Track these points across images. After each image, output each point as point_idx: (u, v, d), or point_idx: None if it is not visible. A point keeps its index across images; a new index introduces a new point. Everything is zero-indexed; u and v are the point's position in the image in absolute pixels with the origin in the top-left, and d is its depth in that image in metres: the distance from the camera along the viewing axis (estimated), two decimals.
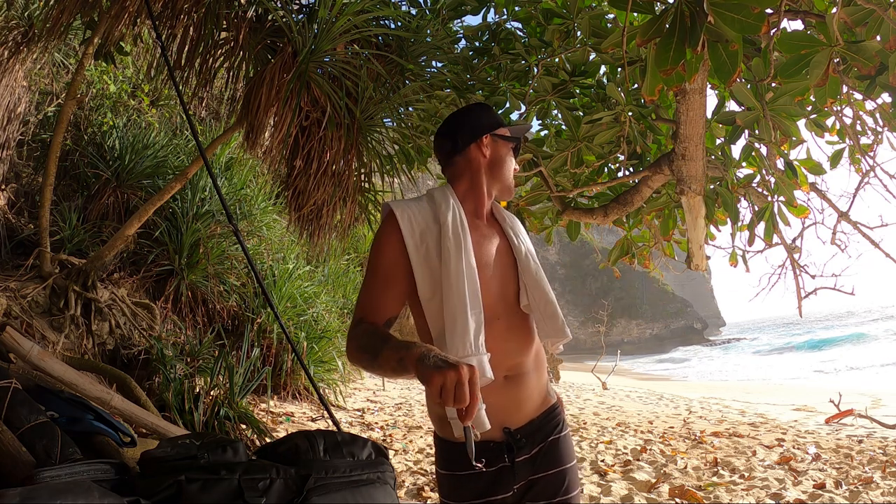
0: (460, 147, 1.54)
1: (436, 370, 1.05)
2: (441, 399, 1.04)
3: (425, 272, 1.39)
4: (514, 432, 1.40)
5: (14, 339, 2.80)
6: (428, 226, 1.42)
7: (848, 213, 3.50)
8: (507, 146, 1.58)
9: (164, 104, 6.37)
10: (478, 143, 1.53)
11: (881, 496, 3.70)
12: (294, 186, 3.57)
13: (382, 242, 1.41)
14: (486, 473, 1.37)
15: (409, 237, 1.39)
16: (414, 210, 1.44)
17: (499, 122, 1.58)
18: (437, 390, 1.04)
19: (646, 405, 9.79)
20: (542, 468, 1.41)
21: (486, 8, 3.39)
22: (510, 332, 1.43)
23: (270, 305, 2.89)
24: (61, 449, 1.99)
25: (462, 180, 1.54)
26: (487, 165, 1.54)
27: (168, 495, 1.35)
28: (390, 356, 1.19)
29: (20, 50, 4.32)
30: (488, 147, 1.54)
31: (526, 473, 1.40)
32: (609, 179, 3.69)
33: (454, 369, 1.03)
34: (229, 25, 3.56)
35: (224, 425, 3.86)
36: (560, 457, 1.44)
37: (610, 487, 3.90)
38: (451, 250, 1.37)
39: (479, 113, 1.59)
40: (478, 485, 1.38)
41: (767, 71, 2.33)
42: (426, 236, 1.41)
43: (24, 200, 4.86)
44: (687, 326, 57.52)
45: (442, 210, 1.45)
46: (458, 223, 1.43)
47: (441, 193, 1.51)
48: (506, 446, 1.38)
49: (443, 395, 1.04)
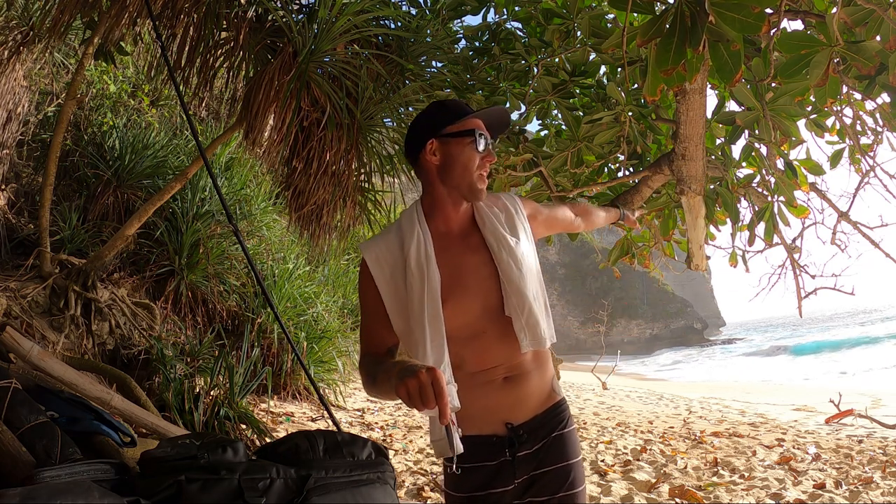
0: (413, 159, 1.49)
1: (399, 382, 1.10)
2: (412, 406, 1.09)
3: (396, 308, 1.41)
4: (517, 427, 1.41)
5: (14, 339, 2.80)
6: (396, 261, 1.42)
7: (848, 213, 3.50)
8: (461, 143, 1.44)
9: (164, 104, 6.37)
10: (423, 150, 1.44)
11: (881, 496, 3.69)
12: (294, 186, 3.57)
13: (361, 285, 1.48)
14: (487, 467, 1.40)
15: (378, 278, 1.43)
16: (382, 248, 1.44)
17: (447, 118, 1.45)
18: (406, 399, 1.09)
19: (646, 405, 9.79)
20: (546, 463, 1.42)
21: (486, 8, 3.39)
22: (502, 340, 1.43)
23: (270, 305, 2.89)
24: (61, 449, 1.99)
25: (425, 194, 1.49)
26: (438, 171, 1.44)
27: (168, 495, 1.35)
28: (384, 380, 1.24)
29: (20, 50, 4.32)
30: (437, 151, 1.44)
31: (528, 468, 1.41)
32: (609, 179, 3.68)
33: (414, 377, 1.08)
34: (229, 25, 3.56)
35: (224, 425, 3.86)
36: (564, 452, 1.44)
37: (610, 487, 3.90)
38: (415, 285, 1.37)
39: (425, 116, 1.48)
40: (479, 477, 1.41)
41: (767, 71, 2.33)
42: (395, 272, 1.42)
43: (24, 200, 4.86)
44: (687, 326, 57.50)
45: (406, 240, 1.42)
46: (422, 252, 1.40)
47: (407, 218, 1.47)
48: (507, 441, 1.41)
49: (411, 401, 1.08)
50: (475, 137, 1.44)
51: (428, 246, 1.41)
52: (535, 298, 1.43)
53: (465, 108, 1.49)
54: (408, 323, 1.38)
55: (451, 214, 1.47)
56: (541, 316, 1.44)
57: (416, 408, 1.08)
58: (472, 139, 1.43)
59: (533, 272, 1.47)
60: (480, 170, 1.45)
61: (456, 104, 1.49)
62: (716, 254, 4.25)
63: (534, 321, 1.41)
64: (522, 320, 1.40)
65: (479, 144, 1.44)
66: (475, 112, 1.48)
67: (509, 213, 1.53)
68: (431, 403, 1.06)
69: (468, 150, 1.43)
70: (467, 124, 1.45)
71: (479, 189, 1.45)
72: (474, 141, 1.44)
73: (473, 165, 1.44)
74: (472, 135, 1.44)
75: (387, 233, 1.48)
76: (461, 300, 1.40)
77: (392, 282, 1.41)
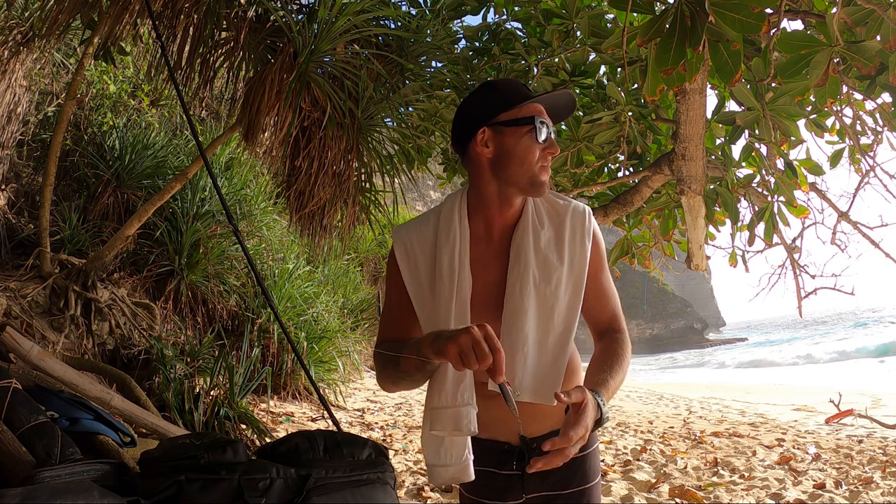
0: (461, 149, 1.31)
1: (449, 341, 1.02)
2: (465, 366, 1.01)
3: (419, 302, 1.30)
4: (531, 441, 1.31)
5: (14, 339, 2.80)
6: (427, 255, 1.30)
7: (848, 213, 3.51)
8: (518, 132, 1.24)
9: (164, 104, 6.37)
10: (473, 140, 1.26)
11: (881, 496, 3.69)
12: (295, 187, 3.57)
13: (388, 271, 1.37)
14: (499, 475, 1.35)
15: (404, 269, 1.32)
16: (413, 239, 1.32)
17: (502, 103, 1.26)
18: (457, 359, 1.01)
19: (646, 405, 9.79)
20: (560, 486, 1.34)
21: (486, 8, 3.39)
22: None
23: (271, 305, 2.89)
24: (61, 449, 1.98)
25: (472, 188, 1.32)
26: (491, 164, 1.26)
27: (168, 495, 1.35)
28: (409, 353, 1.15)
29: (20, 50, 4.32)
30: (489, 141, 1.25)
31: (539, 485, 1.34)
32: (609, 179, 3.69)
33: (465, 333, 1.00)
34: (229, 25, 3.56)
35: (224, 425, 3.86)
36: (581, 476, 1.35)
37: (610, 487, 3.90)
38: (444, 289, 1.24)
39: (475, 100, 1.29)
40: (492, 483, 1.36)
41: (767, 71, 2.33)
42: (424, 266, 1.30)
43: (24, 200, 4.86)
44: (687, 326, 57.50)
45: (441, 237, 1.29)
46: (456, 256, 1.26)
47: (449, 210, 1.31)
48: (517, 453, 1.33)
49: (464, 361, 1.00)
50: (535, 126, 1.23)
51: (464, 250, 1.27)
52: (538, 342, 1.24)
53: (523, 90, 1.28)
54: (432, 320, 1.27)
55: (494, 216, 1.29)
56: (544, 366, 1.23)
57: (469, 366, 1.00)
58: (530, 127, 1.23)
59: (557, 312, 1.25)
60: (542, 162, 1.25)
61: (511, 85, 1.29)
62: (716, 254, 4.26)
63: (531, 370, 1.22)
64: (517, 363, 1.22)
65: (539, 134, 1.24)
66: (535, 96, 1.28)
67: (561, 231, 1.29)
68: (487, 357, 0.98)
69: (526, 140, 1.24)
70: (525, 110, 1.25)
71: (542, 182, 1.25)
72: (534, 130, 1.23)
73: (533, 158, 1.24)
74: (531, 122, 1.24)
75: (423, 221, 1.34)
76: (483, 314, 1.27)
77: (418, 275, 1.30)
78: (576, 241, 1.29)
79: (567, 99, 1.32)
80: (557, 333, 1.26)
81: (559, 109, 1.32)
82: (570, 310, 1.27)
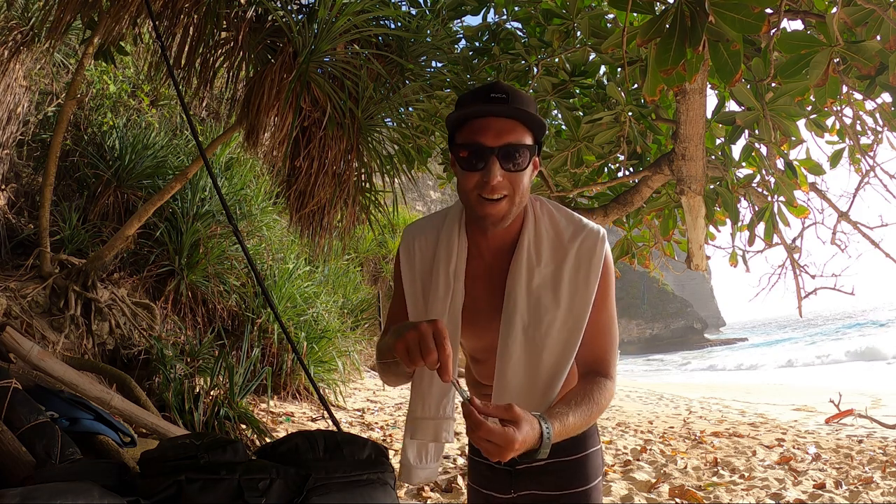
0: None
1: (397, 338, 0.98)
2: (411, 362, 0.96)
3: (412, 300, 1.31)
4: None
5: (14, 339, 2.80)
6: (424, 261, 1.29)
7: (848, 213, 3.51)
8: (456, 159, 1.16)
9: (164, 104, 6.37)
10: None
11: (881, 496, 3.69)
12: (295, 187, 3.57)
13: (394, 267, 1.37)
14: (493, 468, 1.38)
15: (404, 270, 1.32)
16: (417, 242, 1.31)
17: (451, 125, 1.17)
18: (404, 354, 0.97)
19: (646, 405, 9.78)
20: (559, 485, 1.32)
21: (486, 8, 3.39)
22: None
23: (271, 305, 2.88)
24: (61, 449, 1.99)
25: None
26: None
27: (168, 495, 1.35)
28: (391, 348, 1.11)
29: (20, 50, 4.32)
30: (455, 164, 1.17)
31: (530, 483, 1.34)
32: (609, 179, 3.68)
33: (413, 328, 0.96)
34: (229, 25, 3.56)
35: (224, 425, 3.86)
36: (582, 476, 1.33)
37: (610, 487, 3.90)
38: (439, 296, 1.23)
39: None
40: (489, 475, 1.39)
41: (767, 71, 2.33)
42: (418, 271, 1.29)
43: (24, 200, 4.86)
44: (687, 326, 57.52)
45: (441, 246, 1.26)
46: (452, 268, 1.24)
47: (453, 216, 1.28)
48: None
49: (409, 356, 0.96)
50: (461, 153, 1.14)
51: (460, 266, 1.24)
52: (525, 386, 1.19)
53: (466, 105, 1.15)
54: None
55: (480, 238, 1.25)
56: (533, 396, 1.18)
57: (414, 363, 0.96)
58: (457, 155, 1.15)
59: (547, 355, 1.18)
60: (479, 191, 1.12)
61: (462, 102, 1.17)
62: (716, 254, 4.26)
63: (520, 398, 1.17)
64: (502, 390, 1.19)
65: (463, 162, 1.13)
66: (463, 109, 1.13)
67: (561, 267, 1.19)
68: (431, 352, 0.94)
69: (458, 168, 1.16)
70: (459, 135, 1.15)
71: (481, 216, 1.14)
72: (461, 158, 1.14)
73: (465, 188, 1.14)
74: (457, 150, 1.15)
75: (429, 225, 1.31)
76: (474, 329, 1.28)
77: (414, 277, 1.30)
78: (579, 279, 1.19)
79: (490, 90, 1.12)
80: (546, 376, 1.19)
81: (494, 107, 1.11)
82: (563, 351, 1.19)
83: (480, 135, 1.10)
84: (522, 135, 1.12)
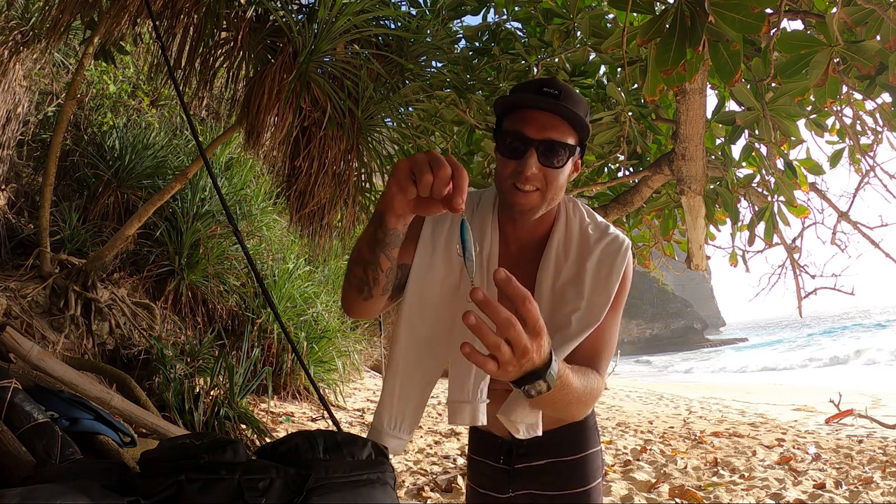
0: None
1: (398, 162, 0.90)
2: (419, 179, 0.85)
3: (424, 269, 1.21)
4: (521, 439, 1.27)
5: (14, 339, 2.80)
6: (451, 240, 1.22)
7: (848, 213, 3.51)
8: (498, 145, 1.18)
9: (164, 104, 6.37)
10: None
11: (881, 496, 3.69)
12: (295, 187, 3.57)
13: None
14: (492, 467, 1.38)
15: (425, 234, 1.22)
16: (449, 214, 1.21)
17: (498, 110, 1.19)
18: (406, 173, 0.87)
19: (646, 405, 9.79)
20: (558, 485, 1.31)
21: (486, 8, 3.39)
22: None
23: (271, 305, 2.88)
24: (61, 449, 1.99)
25: None
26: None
27: (168, 495, 1.35)
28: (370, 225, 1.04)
29: (20, 50, 4.32)
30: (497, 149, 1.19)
31: (529, 483, 1.33)
32: (609, 179, 3.68)
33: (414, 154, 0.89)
34: (229, 25, 3.56)
35: (224, 425, 3.86)
36: (581, 476, 1.32)
37: (610, 487, 3.90)
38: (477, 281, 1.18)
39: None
40: (488, 474, 1.39)
41: (767, 71, 2.33)
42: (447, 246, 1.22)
43: (24, 200, 4.86)
44: (687, 326, 57.55)
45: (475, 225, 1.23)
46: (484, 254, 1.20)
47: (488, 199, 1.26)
48: (505, 448, 1.34)
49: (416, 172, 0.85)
50: (501, 139, 1.16)
51: (494, 248, 1.21)
52: None
53: (519, 93, 1.17)
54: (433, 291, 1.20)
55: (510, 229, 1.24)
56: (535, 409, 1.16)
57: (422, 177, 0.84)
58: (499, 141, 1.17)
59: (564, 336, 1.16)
60: (513, 180, 1.12)
61: (519, 86, 1.19)
62: (716, 254, 4.26)
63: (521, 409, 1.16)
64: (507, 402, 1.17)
65: (504, 149, 1.15)
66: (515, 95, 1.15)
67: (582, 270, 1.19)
68: (445, 168, 0.83)
69: (498, 154, 1.17)
70: (506, 122, 1.15)
71: (510, 204, 1.15)
72: (501, 144, 1.16)
73: (501, 175, 1.16)
74: (500, 135, 1.17)
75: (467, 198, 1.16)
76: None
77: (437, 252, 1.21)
78: (600, 277, 1.18)
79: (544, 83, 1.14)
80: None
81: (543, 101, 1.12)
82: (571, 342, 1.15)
83: (525, 125, 1.12)
84: (566, 133, 1.13)
